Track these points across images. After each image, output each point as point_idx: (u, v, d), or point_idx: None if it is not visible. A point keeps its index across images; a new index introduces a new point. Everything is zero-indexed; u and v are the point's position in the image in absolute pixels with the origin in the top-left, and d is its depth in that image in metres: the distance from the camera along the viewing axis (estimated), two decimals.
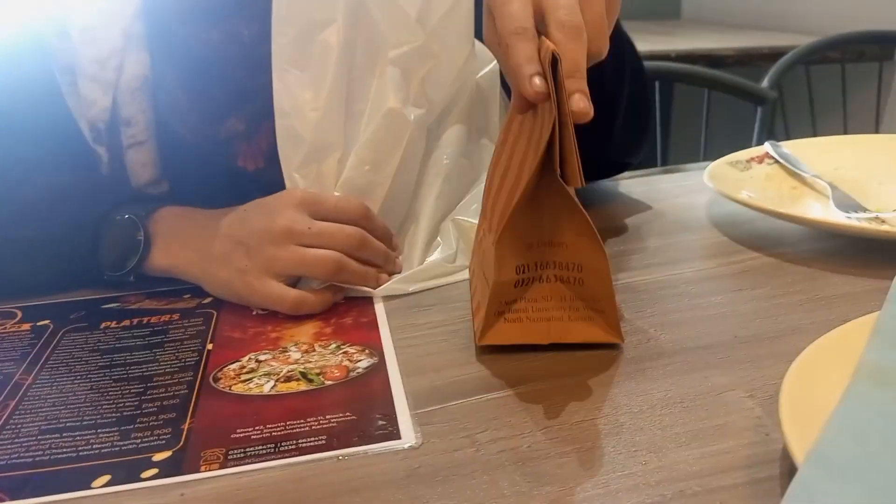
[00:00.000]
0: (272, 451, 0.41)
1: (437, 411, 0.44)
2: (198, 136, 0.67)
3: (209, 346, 0.53)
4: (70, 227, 0.60)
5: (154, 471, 0.40)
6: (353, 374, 0.48)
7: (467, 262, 0.62)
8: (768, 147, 0.80)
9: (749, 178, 0.75)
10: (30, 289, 0.62)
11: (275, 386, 0.47)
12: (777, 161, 0.78)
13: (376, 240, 0.59)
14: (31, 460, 0.41)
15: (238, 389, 0.47)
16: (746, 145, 0.87)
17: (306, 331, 0.54)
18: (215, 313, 0.57)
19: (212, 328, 0.55)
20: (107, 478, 0.40)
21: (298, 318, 0.56)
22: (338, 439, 0.42)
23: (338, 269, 0.56)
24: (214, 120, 0.66)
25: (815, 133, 1.80)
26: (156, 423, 0.44)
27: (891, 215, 0.67)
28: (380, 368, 0.49)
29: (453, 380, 0.47)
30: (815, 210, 0.70)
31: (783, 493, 0.31)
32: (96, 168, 0.65)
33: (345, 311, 0.57)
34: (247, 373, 0.49)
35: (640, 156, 0.79)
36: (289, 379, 0.48)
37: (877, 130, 1.89)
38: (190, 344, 0.53)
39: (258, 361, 0.50)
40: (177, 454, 0.41)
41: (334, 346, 0.52)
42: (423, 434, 0.42)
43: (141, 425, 0.44)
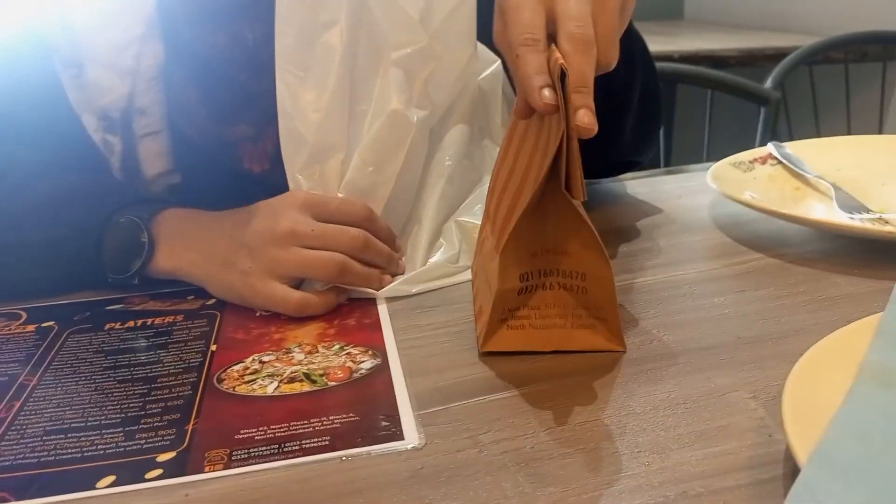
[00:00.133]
0: (276, 451, 0.41)
1: (440, 412, 0.44)
2: (204, 137, 0.67)
3: (213, 347, 0.53)
4: (75, 230, 0.60)
5: (158, 471, 0.40)
6: (356, 376, 0.48)
7: (470, 262, 0.62)
8: (771, 148, 0.80)
9: (752, 178, 0.75)
10: (34, 291, 0.62)
11: (278, 387, 0.47)
12: (780, 162, 0.78)
13: (379, 241, 0.59)
14: (36, 461, 0.42)
15: (242, 390, 0.47)
16: (749, 146, 0.87)
17: (310, 332, 0.54)
18: (219, 315, 0.58)
19: (215, 329, 0.55)
20: (111, 478, 0.40)
21: (302, 319, 0.56)
22: (341, 440, 0.42)
23: (341, 271, 0.56)
24: (220, 122, 0.67)
25: (818, 133, 1.80)
26: (160, 424, 0.44)
27: (894, 216, 0.66)
28: (383, 369, 0.49)
29: (456, 381, 0.47)
30: (818, 211, 0.70)
31: (786, 495, 0.31)
32: (102, 170, 0.65)
33: (348, 312, 0.57)
34: (250, 374, 0.49)
35: (650, 154, 0.79)
36: (292, 380, 0.48)
37: (880, 131, 1.89)
38: (194, 345, 0.53)
39: (262, 362, 0.50)
40: (181, 455, 0.41)
41: (338, 347, 0.52)
42: (426, 435, 0.42)
43: (145, 426, 0.44)
